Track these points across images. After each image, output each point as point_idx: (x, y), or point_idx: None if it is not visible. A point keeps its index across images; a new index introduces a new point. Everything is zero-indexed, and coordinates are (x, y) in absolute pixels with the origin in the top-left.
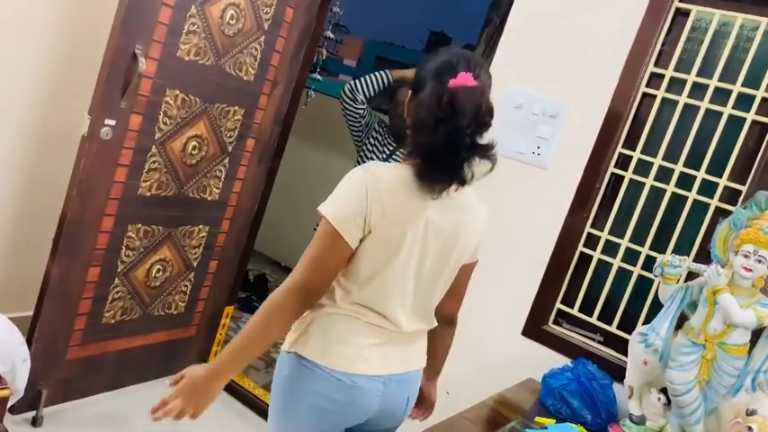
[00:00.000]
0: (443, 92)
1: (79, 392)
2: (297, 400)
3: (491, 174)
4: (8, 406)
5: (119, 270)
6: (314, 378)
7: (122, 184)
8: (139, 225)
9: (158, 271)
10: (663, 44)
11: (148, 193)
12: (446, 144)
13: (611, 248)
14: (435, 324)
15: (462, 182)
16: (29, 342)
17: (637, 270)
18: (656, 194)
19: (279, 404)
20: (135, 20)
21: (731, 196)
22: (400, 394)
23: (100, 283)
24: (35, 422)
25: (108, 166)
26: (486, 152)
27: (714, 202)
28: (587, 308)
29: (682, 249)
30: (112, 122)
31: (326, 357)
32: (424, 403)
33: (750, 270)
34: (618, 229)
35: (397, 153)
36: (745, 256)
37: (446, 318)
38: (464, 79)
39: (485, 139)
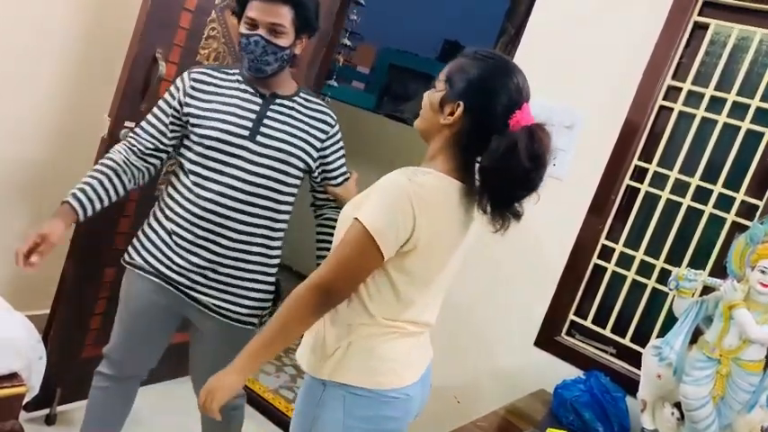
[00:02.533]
0: (532, 140)
1: None
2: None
3: None
4: (23, 403)
5: None
6: (368, 404)
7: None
8: None
9: None
10: (681, 57)
11: None
12: (530, 192)
13: (625, 261)
14: None
15: (519, 219)
16: (45, 340)
17: (651, 283)
18: (672, 207)
19: None
20: (156, 24)
21: (748, 211)
22: (427, 387)
23: (116, 284)
24: (49, 420)
25: None
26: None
27: (731, 217)
28: (601, 320)
29: (697, 263)
30: (132, 125)
31: (378, 379)
32: None
33: (767, 286)
34: (633, 242)
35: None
36: (762, 272)
37: None
38: (529, 114)
39: None
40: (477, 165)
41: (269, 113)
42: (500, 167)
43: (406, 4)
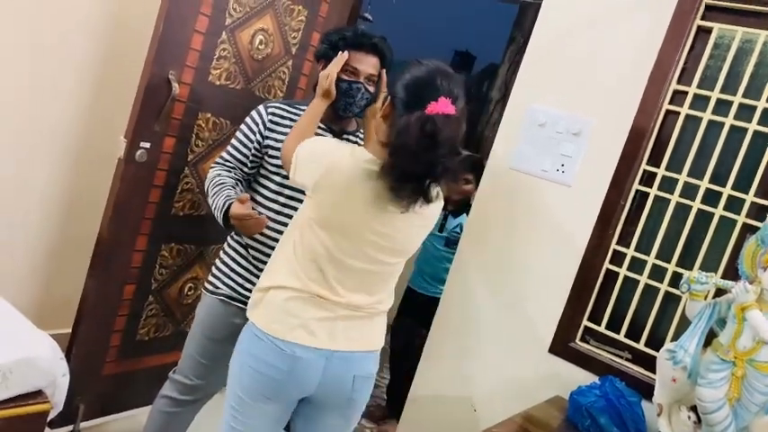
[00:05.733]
0: (426, 121)
1: (115, 407)
2: (244, 365)
3: (516, 191)
4: (48, 420)
5: (153, 288)
6: (260, 346)
7: (156, 204)
8: (173, 244)
9: (190, 289)
10: (685, 62)
11: (181, 213)
12: (423, 171)
13: (637, 265)
14: (390, 301)
15: (428, 201)
16: (67, 358)
17: (664, 287)
18: (682, 211)
19: (233, 369)
20: (169, 46)
21: (758, 212)
22: (344, 371)
23: (134, 301)
24: None
25: (143, 188)
26: (454, 176)
27: (741, 219)
28: (614, 325)
29: (709, 266)
30: (147, 145)
31: (272, 325)
32: None
33: None
34: (644, 246)
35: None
36: None
37: None
38: (445, 106)
39: (456, 161)
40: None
41: None
42: (396, 143)
43: (416, 18)
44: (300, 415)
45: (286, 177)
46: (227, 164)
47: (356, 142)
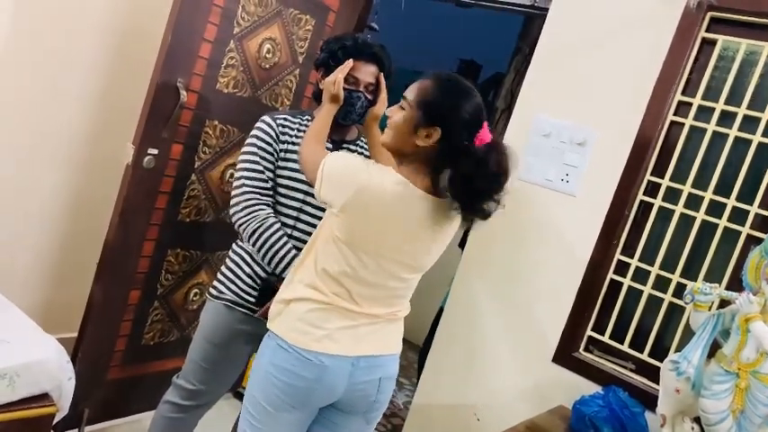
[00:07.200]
0: (493, 150)
1: (120, 412)
2: (268, 374)
3: (521, 201)
4: (53, 423)
5: (158, 293)
6: (285, 357)
7: (163, 210)
8: (179, 250)
9: (195, 294)
10: (690, 73)
11: (188, 220)
12: (496, 191)
13: (641, 276)
14: (407, 310)
15: (486, 218)
16: (73, 362)
17: (668, 297)
18: (686, 222)
19: (254, 380)
20: (177, 54)
21: (762, 224)
22: (370, 376)
23: (140, 306)
24: None
25: (150, 194)
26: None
27: (745, 230)
28: (618, 335)
29: (713, 277)
30: (155, 152)
31: (295, 335)
32: None
33: None
34: (648, 257)
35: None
36: None
37: None
38: (487, 133)
39: None
40: (448, 178)
41: None
42: (471, 179)
43: (422, 27)
44: (321, 422)
45: (289, 188)
46: (263, 192)
47: (356, 150)
